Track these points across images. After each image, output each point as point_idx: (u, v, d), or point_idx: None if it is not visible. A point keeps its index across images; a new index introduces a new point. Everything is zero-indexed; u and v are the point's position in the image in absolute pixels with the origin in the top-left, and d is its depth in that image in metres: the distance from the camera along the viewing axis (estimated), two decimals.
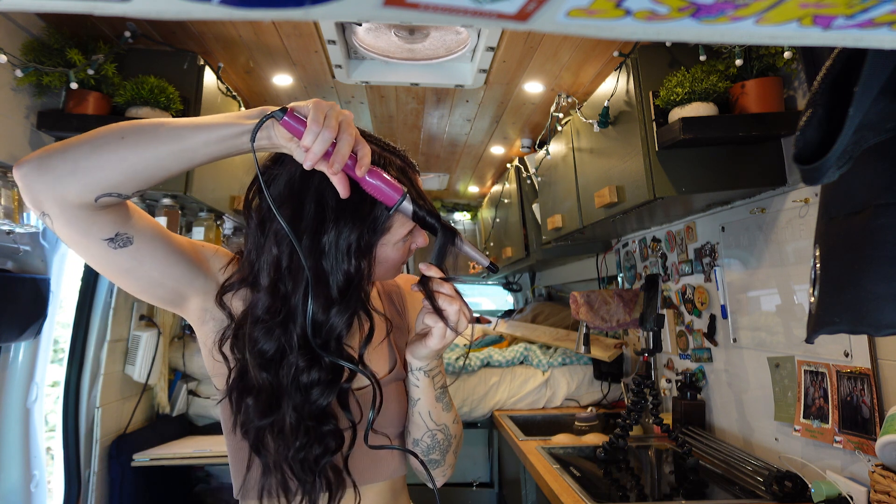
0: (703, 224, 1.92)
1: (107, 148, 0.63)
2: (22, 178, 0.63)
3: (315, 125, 0.63)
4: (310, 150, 0.64)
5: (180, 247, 0.75)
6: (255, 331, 0.74)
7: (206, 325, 0.81)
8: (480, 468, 2.95)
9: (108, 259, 0.69)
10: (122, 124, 0.65)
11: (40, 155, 0.63)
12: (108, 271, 0.72)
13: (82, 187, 0.62)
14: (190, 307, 0.80)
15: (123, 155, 0.63)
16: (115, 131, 0.64)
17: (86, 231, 0.66)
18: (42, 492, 1.83)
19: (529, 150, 2.81)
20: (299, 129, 0.64)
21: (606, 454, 1.84)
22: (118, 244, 0.68)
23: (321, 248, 0.73)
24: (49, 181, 0.62)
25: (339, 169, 0.65)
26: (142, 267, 0.71)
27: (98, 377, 2.00)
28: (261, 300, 0.74)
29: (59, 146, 0.63)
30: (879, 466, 1.13)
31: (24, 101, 1.51)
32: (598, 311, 2.16)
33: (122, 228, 0.68)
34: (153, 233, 0.71)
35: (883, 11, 0.25)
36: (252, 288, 0.76)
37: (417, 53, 1.91)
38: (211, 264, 0.80)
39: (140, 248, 0.70)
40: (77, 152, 0.62)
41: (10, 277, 1.65)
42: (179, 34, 1.71)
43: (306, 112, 0.65)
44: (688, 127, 1.41)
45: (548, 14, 0.25)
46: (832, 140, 0.63)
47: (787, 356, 1.53)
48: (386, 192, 0.70)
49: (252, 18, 0.25)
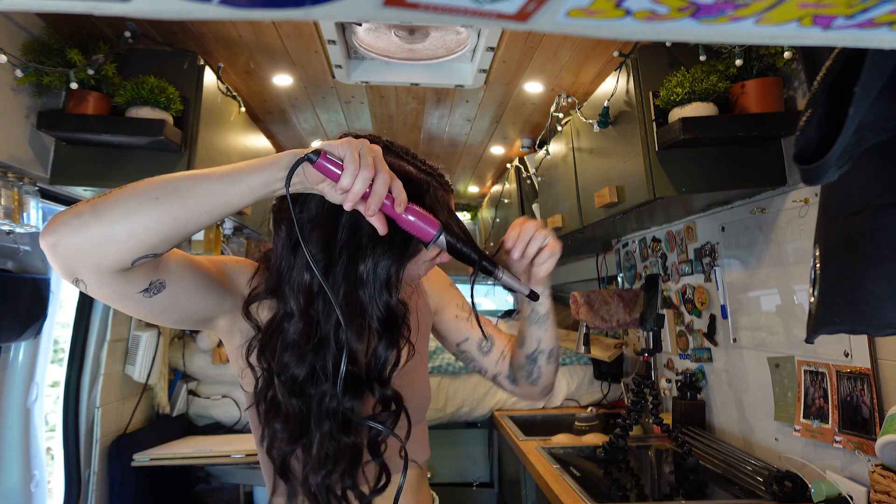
0: (703, 224, 1.92)
1: (142, 211, 0.60)
2: (53, 248, 0.60)
3: (353, 166, 0.63)
4: (349, 191, 0.63)
5: (208, 273, 0.75)
6: (285, 356, 0.74)
7: (233, 338, 0.81)
8: (480, 468, 2.95)
9: (144, 306, 0.68)
10: (154, 183, 0.62)
11: (70, 220, 0.59)
12: (143, 315, 0.71)
13: (120, 254, 0.60)
14: (218, 325, 0.80)
15: (160, 218, 0.61)
16: (148, 191, 0.61)
17: (122, 290, 0.65)
18: (42, 492, 1.83)
19: (529, 150, 2.81)
20: (335, 171, 0.64)
21: (606, 454, 1.84)
22: (152, 292, 0.67)
23: (359, 276, 0.72)
24: (85, 251, 0.59)
25: (377, 210, 0.65)
26: (176, 306, 0.71)
27: (98, 377, 2.00)
28: (293, 325, 0.74)
29: (88, 209, 0.60)
30: (879, 466, 1.13)
31: (24, 101, 1.51)
32: (598, 311, 2.16)
33: (154, 276, 0.66)
34: (182, 269, 0.70)
35: (883, 11, 0.25)
36: (279, 300, 0.76)
37: (417, 53, 1.91)
38: (237, 281, 0.80)
39: (173, 289, 0.69)
40: (111, 216, 0.60)
41: (10, 277, 1.65)
42: (179, 34, 1.71)
43: (339, 153, 0.64)
44: (688, 127, 1.41)
45: (548, 14, 0.25)
46: (832, 140, 0.63)
47: (787, 356, 1.53)
48: (422, 228, 0.69)
49: (252, 18, 0.25)
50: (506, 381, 1.03)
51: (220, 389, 2.51)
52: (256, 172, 0.64)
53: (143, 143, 1.60)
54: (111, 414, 2.07)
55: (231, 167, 0.64)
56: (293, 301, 0.74)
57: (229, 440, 2.26)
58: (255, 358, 0.77)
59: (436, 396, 2.65)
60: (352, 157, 0.63)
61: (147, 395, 2.27)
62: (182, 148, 1.67)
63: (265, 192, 0.65)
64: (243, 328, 0.80)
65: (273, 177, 0.64)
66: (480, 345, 1.03)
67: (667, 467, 1.90)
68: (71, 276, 0.62)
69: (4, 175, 1.45)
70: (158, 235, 0.61)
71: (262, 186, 0.64)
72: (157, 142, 1.58)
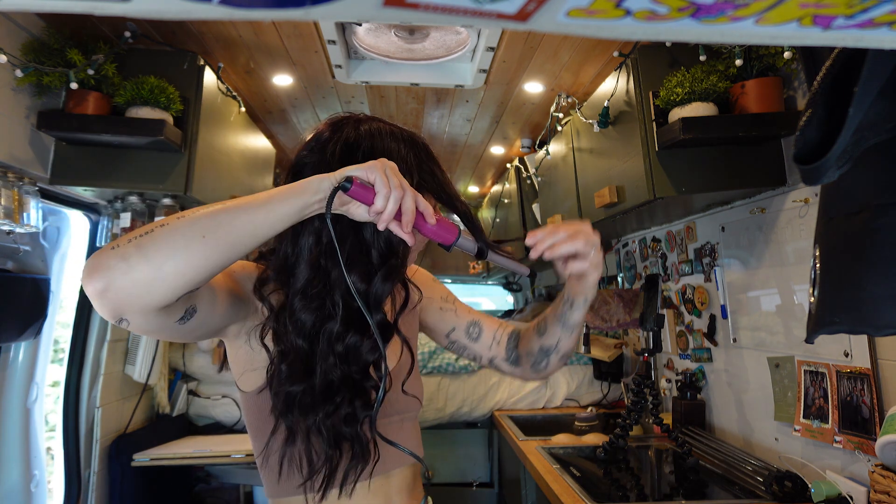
0: (703, 224, 1.92)
1: (189, 250, 0.61)
2: (103, 294, 0.59)
3: (385, 189, 0.67)
4: (383, 212, 0.67)
5: (226, 287, 0.77)
6: (294, 302, 0.77)
7: (239, 339, 0.83)
8: (480, 468, 2.95)
9: (177, 332, 0.70)
10: (197, 219, 0.62)
11: (117, 263, 0.59)
12: (174, 338, 0.74)
13: (168, 292, 0.61)
14: (230, 330, 0.82)
15: (207, 255, 0.62)
16: (193, 229, 0.61)
17: (163, 323, 0.66)
18: (42, 492, 1.83)
19: (529, 150, 2.81)
20: (367, 195, 0.68)
21: (606, 454, 1.84)
22: (186, 318, 0.68)
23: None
24: (135, 293, 0.59)
25: (412, 227, 0.69)
26: (203, 325, 0.73)
27: (98, 377, 2.00)
28: (301, 273, 0.77)
29: (134, 249, 0.59)
30: (879, 466, 1.13)
31: (24, 101, 1.51)
32: (598, 311, 2.16)
33: (188, 304, 0.68)
34: (208, 291, 0.71)
35: (883, 11, 0.25)
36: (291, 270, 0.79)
37: (417, 53, 1.91)
38: (246, 287, 0.82)
39: (203, 311, 0.71)
40: (158, 257, 0.60)
41: (10, 277, 1.65)
42: (179, 34, 1.71)
43: (369, 177, 0.68)
44: (688, 127, 1.41)
45: (548, 14, 0.25)
46: (832, 140, 0.63)
47: (787, 356, 1.53)
48: (444, 235, 0.75)
49: (252, 18, 0.25)
50: (504, 364, 1.03)
51: (220, 389, 2.51)
52: (290, 201, 0.66)
53: (143, 143, 1.60)
54: (111, 414, 2.07)
55: (262, 197, 0.66)
56: (304, 253, 0.78)
57: (229, 440, 2.26)
58: (270, 339, 0.79)
59: (436, 396, 2.65)
60: (382, 181, 0.67)
61: (147, 395, 2.27)
62: (182, 148, 1.67)
63: (298, 218, 0.68)
64: (250, 327, 0.81)
65: (306, 202, 0.66)
66: (469, 331, 1.04)
67: (667, 467, 1.90)
68: (116, 318, 0.62)
69: (4, 175, 1.45)
70: (205, 271, 0.63)
71: (297, 213, 0.67)
72: (157, 142, 1.58)
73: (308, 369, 0.77)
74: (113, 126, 1.56)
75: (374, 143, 0.81)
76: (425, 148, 0.87)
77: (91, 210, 1.93)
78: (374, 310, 0.77)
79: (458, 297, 1.10)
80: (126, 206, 1.84)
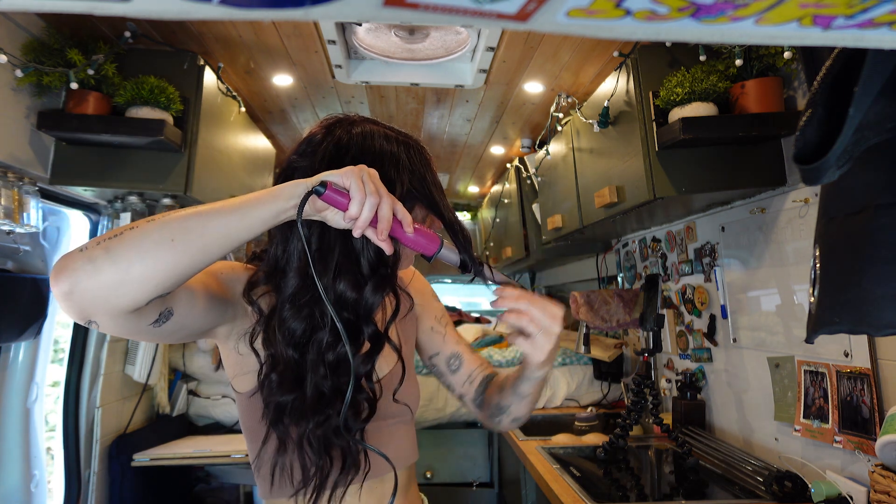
0: (703, 224, 1.92)
1: (157, 253, 0.60)
2: (68, 295, 0.59)
3: (359, 195, 0.65)
4: (358, 219, 0.66)
5: (208, 289, 0.76)
6: (284, 311, 0.76)
7: (230, 341, 0.83)
8: (480, 468, 2.95)
9: (153, 335, 0.69)
10: (166, 222, 0.62)
11: (83, 265, 0.58)
12: (151, 340, 0.73)
13: (136, 296, 0.60)
14: (219, 332, 0.81)
15: (176, 259, 0.61)
16: (162, 232, 0.61)
17: (134, 326, 0.65)
18: (42, 492, 1.83)
19: (529, 150, 2.81)
20: (342, 200, 0.66)
21: (606, 454, 1.84)
22: (161, 321, 0.68)
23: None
24: (101, 296, 0.59)
25: (388, 235, 0.67)
26: (183, 328, 0.72)
27: (98, 377, 2.00)
28: (290, 282, 0.76)
29: (102, 252, 0.59)
30: (879, 466, 1.13)
31: (24, 101, 1.51)
32: (598, 311, 2.16)
33: (162, 307, 0.67)
34: (186, 293, 0.70)
35: (883, 11, 0.25)
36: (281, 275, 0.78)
37: (417, 53, 1.91)
38: (234, 289, 0.81)
39: (180, 314, 0.70)
40: (125, 260, 0.59)
41: (10, 277, 1.65)
42: (179, 34, 1.71)
43: (343, 182, 0.66)
44: (688, 127, 1.41)
45: (548, 14, 0.25)
46: (832, 140, 0.63)
47: (787, 356, 1.53)
48: (425, 245, 0.72)
49: (252, 18, 0.25)
50: (470, 404, 1.04)
51: (220, 389, 2.51)
52: (264, 206, 0.65)
53: (143, 143, 1.60)
54: (111, 414, 2.07)
55: (236, 202, 0.65)
56: (293, 261, 0.77)
57: (229, 440, 2.26)
58: (260, 343, 0.78)
59: (436, 396, 2.65)
60: (357, 186, 0.65)
61: (147, 395, 2.27)
62: (182, 148, 1.67)
63: (273, 223, 0.66)
64: (241, 330, 0.81)
65: (280, 208, 0.65)
66: (450, 361, 1.04)
67: (667, 467, 1.90)
68: (84, 319, 0.62)
69: (4, 175, 1.45)
70: (175, 276, 0.62)
71: (271, 218, 0.66)
72: (157, 142, 1.58)
73: (298, 379, 0.76)
74: (113, 126, 1.56)
75: (364, 146, 0.79)
76: (419, 152, 0.85)
77: (91, 210, 1.93)
78: (364, 321, 0.76)
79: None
80: (126, 206, 1.84)
